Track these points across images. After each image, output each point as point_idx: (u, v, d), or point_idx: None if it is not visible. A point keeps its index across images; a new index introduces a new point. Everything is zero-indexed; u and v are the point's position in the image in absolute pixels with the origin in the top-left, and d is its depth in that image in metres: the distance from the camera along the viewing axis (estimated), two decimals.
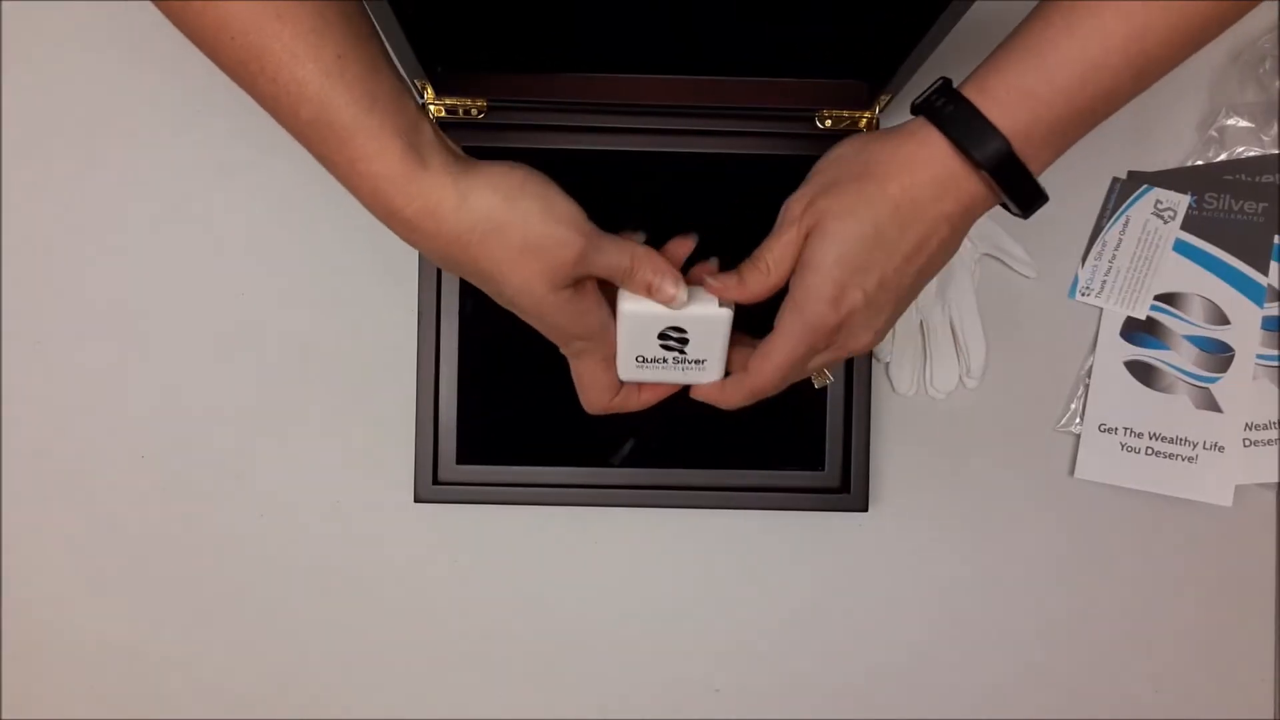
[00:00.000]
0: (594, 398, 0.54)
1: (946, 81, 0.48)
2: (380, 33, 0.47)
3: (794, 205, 0.50)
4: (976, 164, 0.46)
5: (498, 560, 0.71)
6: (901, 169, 0.47)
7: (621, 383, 0.54)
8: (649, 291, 0.49)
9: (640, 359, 0.52)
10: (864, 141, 0.49)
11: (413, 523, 0.71)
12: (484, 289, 0.49)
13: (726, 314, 0.50)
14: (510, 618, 0.71)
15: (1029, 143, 0.46)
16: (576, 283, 0.48)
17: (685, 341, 0.51)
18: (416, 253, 0.66)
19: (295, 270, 0.70)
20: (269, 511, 0.71)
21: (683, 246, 0.52)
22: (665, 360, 0.52)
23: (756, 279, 0.49)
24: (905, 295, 0.50)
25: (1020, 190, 0.47)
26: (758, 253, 0.50)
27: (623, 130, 0.66)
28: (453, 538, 0.71)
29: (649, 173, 0.67)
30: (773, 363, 0.50)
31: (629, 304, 0.50)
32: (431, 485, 0.66)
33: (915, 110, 0.48)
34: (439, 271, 0.66)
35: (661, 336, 0.51)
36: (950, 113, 0.46)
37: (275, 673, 0.71)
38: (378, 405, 0.70)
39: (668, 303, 0.49)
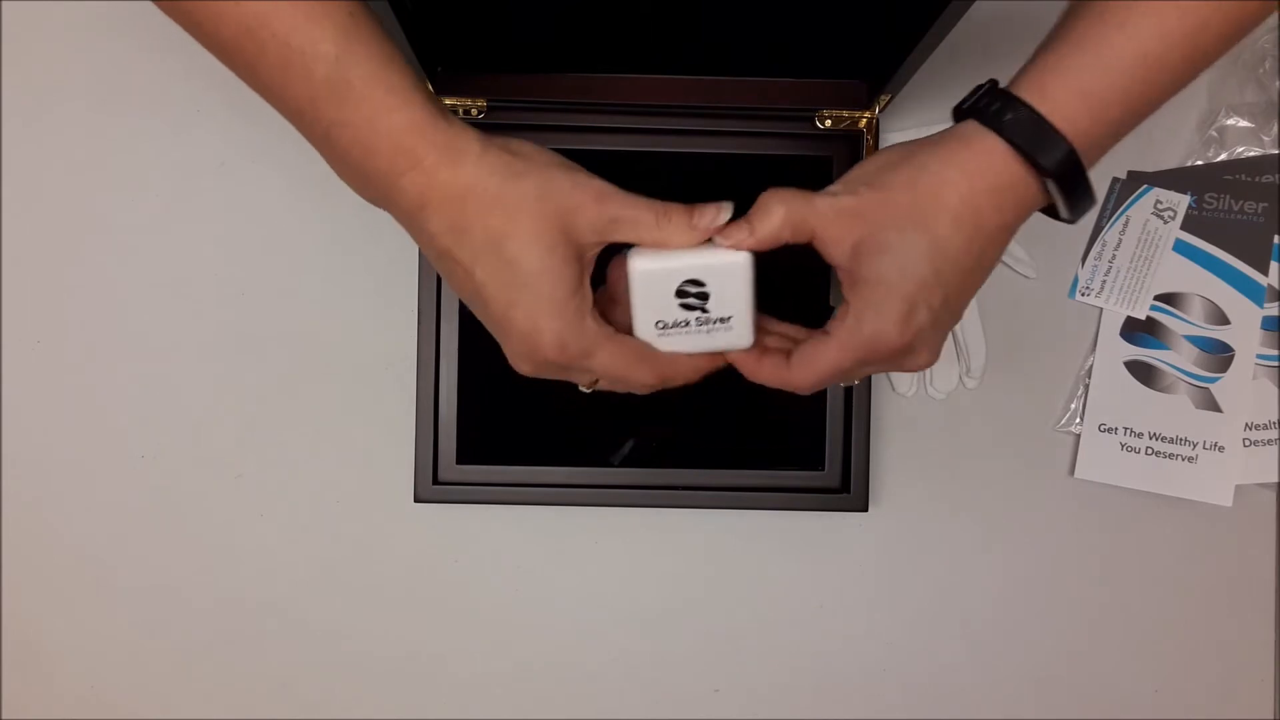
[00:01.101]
0: (638, 371, 0.49)
1: (994, 83, 0.46)
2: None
3: (837, 187, 0.46)
4: (1043, 171, 0.44)
5: (498, 560, 0.71)
6: (959, 178, 0.45)
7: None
8: (689, 228, 0.46)
9: (660, 324, 0.48)
10: (910, 149, 0.47)
11: (413, 523, 0.71)
12: (471, 270, 0.45)
13: (745, 258, 0.47)
14: (510, 617, 0.71)
15: (1089, 145, 0.44)
16: (582, 257, 0.46)
17: (706, 297, 0.47)
18: (416, 253, 0.67)
19: (296, 270, 0.70)
20: (269, 511, 0.71)
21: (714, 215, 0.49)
22: (688, 323, 0.48)
23: (767, 225, 0.46)
24: (959, 313, 0.48)
25: (1077, 194, 0.45)
26: (766, 200, 0.46)
27: (622, 130, 0.66)
28: (453, 538, 0.71)
29: (649, 173, 0.66)
30: (816, 370, 0.47)
31: (640, 261, 0.47)
32: (431, 485, 0.66)
33: (963, 114, 0.46)
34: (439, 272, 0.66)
35: (680, 294, 0.47)
36: (1010, 119, 0.44)
37: (275, 673, 0.71)
38: (378, 405, 0.70)
39: (713, 227, 0.46)
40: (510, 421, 0.68)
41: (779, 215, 0.46)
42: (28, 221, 0.70)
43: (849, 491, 0.67)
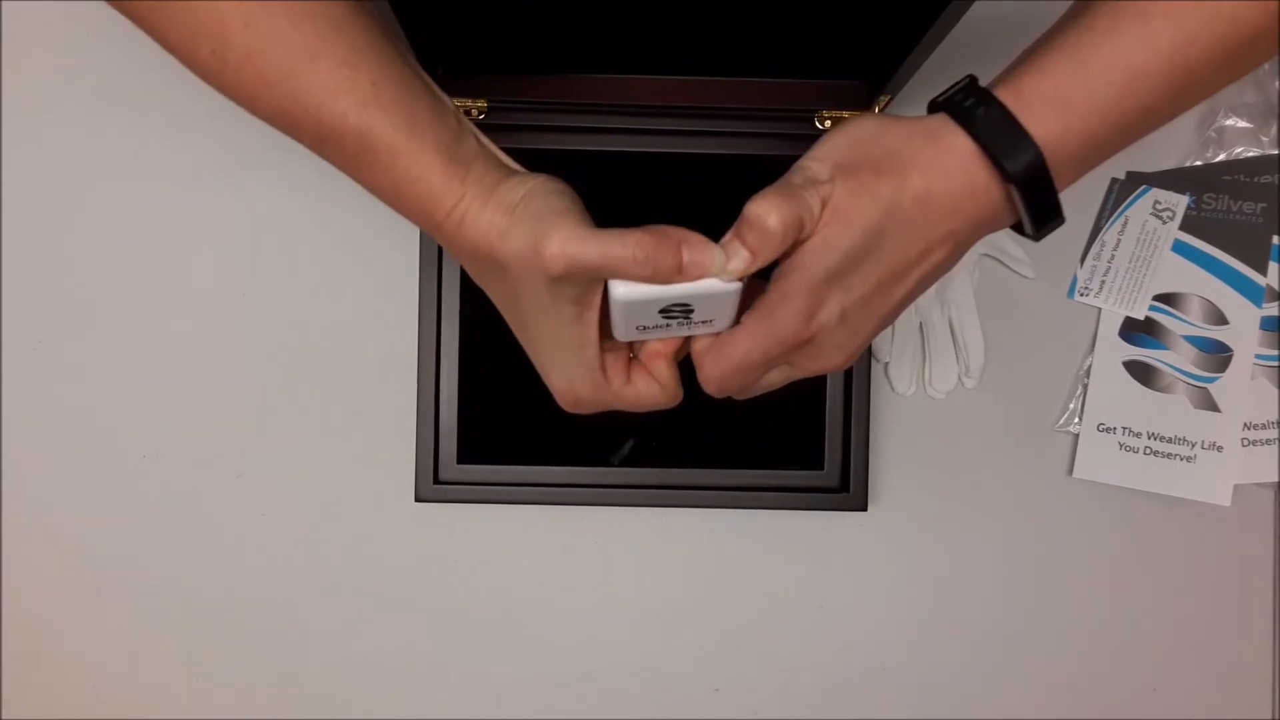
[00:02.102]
0: (650, 405, 0.48)
1: (973, 79, 0.44)
2: (412, 54, 0.47)
3: (817, 168, 0.43)
4: (1005, 176, 0.42)
5: (498, 560, 0.71)
6: (921, 174, 0.42)
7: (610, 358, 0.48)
8: (680, 273, 0.42)
9: (641, 328, 0.46)
10: (884, 128, 0.44)
11: (413, 522, 0.71)
12: (511, 311, 0.46)
13: (735, 287, 0.44)
14: (510, 617, 0.71)
15: (1057, 156, 0.42)
16: (581, 306, 0.44)
17: (690, 311, 0.45)
18: (417, 253, 0.67)
19: (296, 270, 0.70)
20: (269, 511, 0.71)
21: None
22: (669, 325, 0.46)
23: (769, 248, 0.42)
24: (886, 317, 0.45)
25: (1042, 208, 0.43)
26: (759, 216, 0.42)
27: (623, 130, 0.66)
28: (453, 538, 0.71)
29: (649, 173, 0.67)
30: (722, 366, 0.45)
31: (621, 289, 0.43)
32: (432, 485, 0.66)
33: (936, 107, 0.44)
34: (439, 272, 0.66)
35: (663, 312, 0.45)
36: (981, 115, 0.42)
37: (275, 673, 0.71)
38: (378, 405, 0.70)
39: (702, 274, 0.42)
40: (511, 421, 0.68)
41: (777, 231, 0.42)
42: (28, 221, 0.70)
43: (848, 491, 0.67)
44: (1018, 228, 0.45)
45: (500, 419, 0.68)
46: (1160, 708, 0.72)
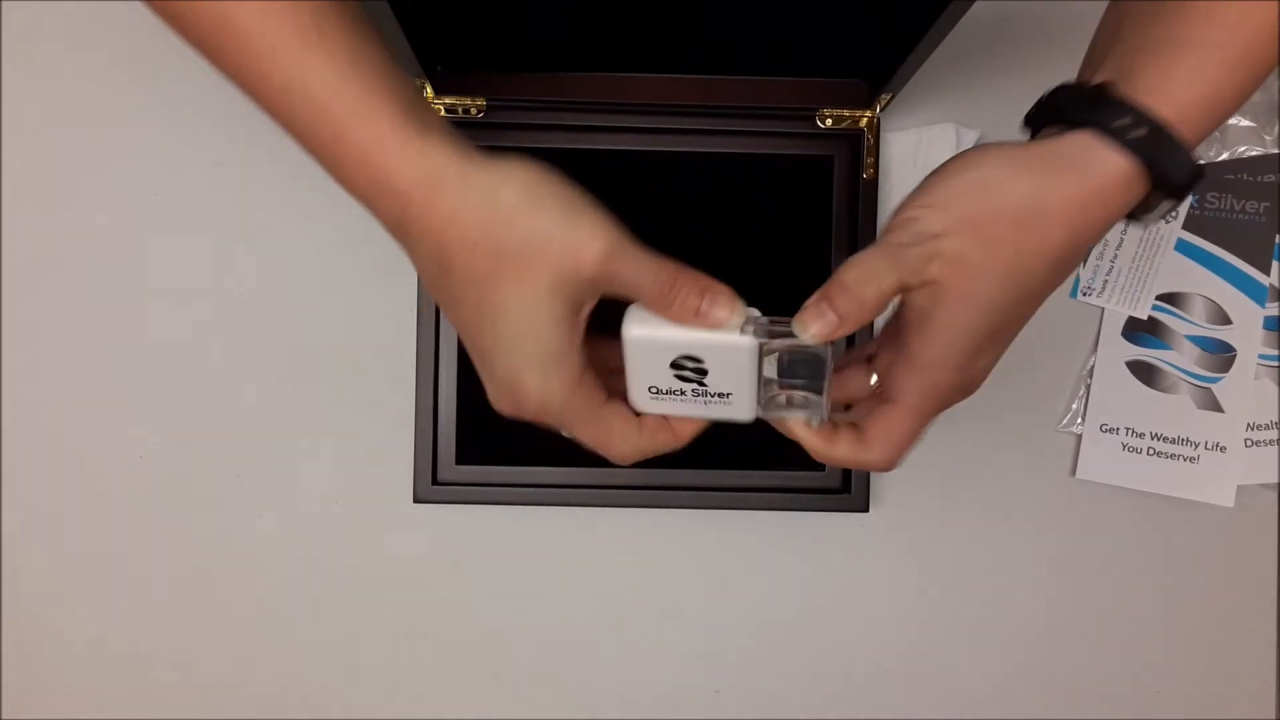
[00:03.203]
0: (618, 445, 0.44)
1: (1106, 87, 0.40)
2: (377, 25, 0.43)
3: (930, 219, 0.40)
4: (1167, 191, 0.40)
5: (498, 560, 0.71)
6: (1076, 213, 0.40)
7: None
8: (695, 316, 0.40)
9: (654, 390, 0.44)
10: (1017, 170, 0.40)
11: (412, 523, 0.71)
12: (455, 305, 0.42)
13: (751, 342, 0.41)
14: (510, 618, 0.71)
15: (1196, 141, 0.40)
16: (576, 315, 0.41)
17: (704, 373, 0.43)
18: None
19: (295, 270, 0.70)
20: (269, 511, 0.71)
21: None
22: (683, 392, 0.44)
23: (856, 311, 0.40)
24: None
25: (1182, 198, 0.42)
26: (855, 277, 0.40)
27: (623, 130, 0.66)
28: (453, 538, 0.71)
29: (649, 173, 0.67)
30: (895, 444, 0.43)
31: (635, 328, 0.42)
32: (431, 485, 0.66)
33: (1075, 122, 0.40)
34: None
35: (675, 366, 0.42)
36: (1142, 138, 0.39)
37: (275, 673, 0.71)
38: (377, 405, 0.70)
39: (719, 327, 0.41)
40: (510, 421, 0.68)
41: (872, 301, 0.40)
42: (26, 221, 0.70)
43: (849, 492, 0.67)
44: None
45: (499, 419, 0.67)
46: (1163, 708, 0.72)
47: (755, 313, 0.42)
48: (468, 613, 0.71)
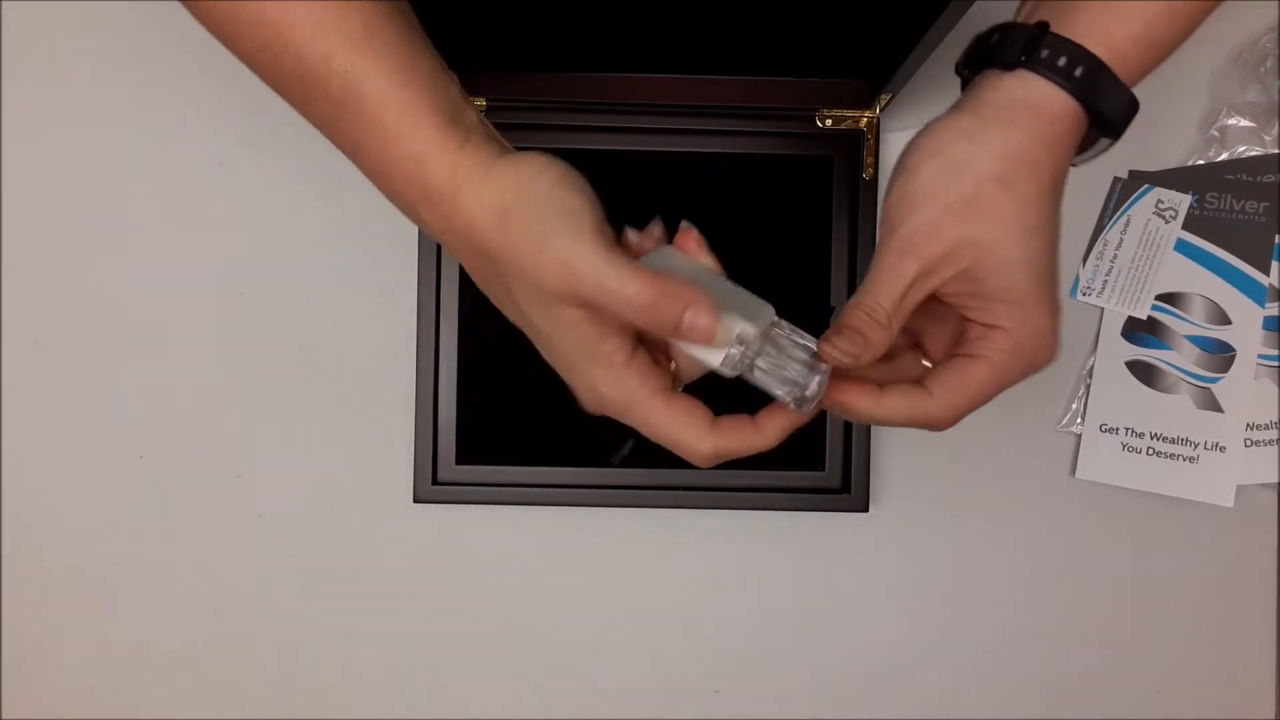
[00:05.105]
0: (691, 443, 0.42)
1: (1045, 27, 0.42)
2: (416, 19, 0.43)
3: (921, 239, 0.42)
4: (1110, 132, 0.42)
5: (498, 560, 0.71)
6: (1045, 154, 0.41)
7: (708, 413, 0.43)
8: (680, 330, 0.39)
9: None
10: (977, 133, 0.42)
11: (412, 523, 0.70)
12: (504, 306, 0.42)
13: (729, 357, 0.41)
14: (510, 618, 0.71)
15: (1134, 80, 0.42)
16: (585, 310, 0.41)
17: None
18: (416, 253, 0.67)
19: (295, 270, 0.70)
20: (269, 511, 0.71)
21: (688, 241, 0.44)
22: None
23: (879, 335, 0.41)
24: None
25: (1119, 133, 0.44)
26: (869, 301, 0.41)
27: (623, 130, 0.66)
28: (453, 538, 0.71)
29: (648, 172, 0.67)
30: (964, 393, 0.44)
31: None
32: (431, 485, 0.66)
33: (1014, 64, 0.42)
34: (438, 271, 0.66)
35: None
36: (1081, 73, 0.41)
37: (275, 673, 0.71)
38: (377, 405, 0.70)
39: (705, 342, 0.39)
40: (510, 421, 0.68)
41: (894, 332, 0.42)
42: (26, 221, 0.70)
43: (849, 492, 0.67)
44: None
45: (499, 419, 0.67)
46: (1162, 709, 0.72)
47: (755, 328, 0.41)
48: (468, 613, 0.71)
